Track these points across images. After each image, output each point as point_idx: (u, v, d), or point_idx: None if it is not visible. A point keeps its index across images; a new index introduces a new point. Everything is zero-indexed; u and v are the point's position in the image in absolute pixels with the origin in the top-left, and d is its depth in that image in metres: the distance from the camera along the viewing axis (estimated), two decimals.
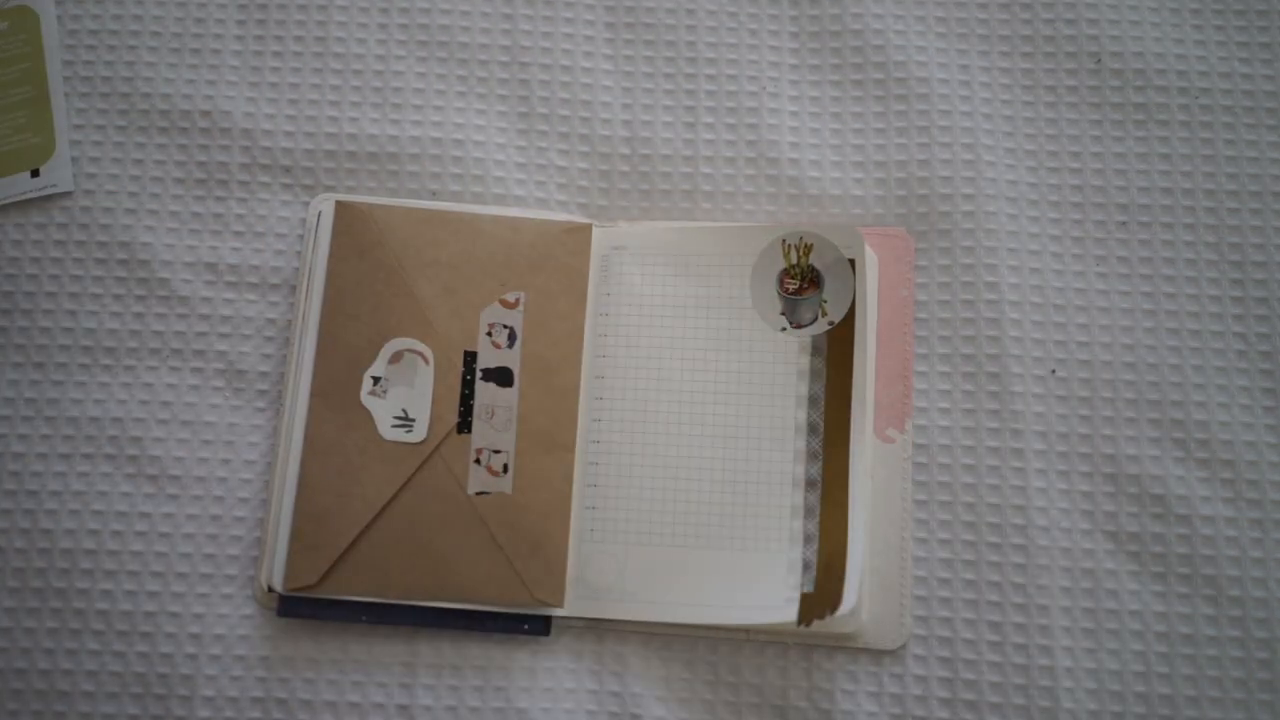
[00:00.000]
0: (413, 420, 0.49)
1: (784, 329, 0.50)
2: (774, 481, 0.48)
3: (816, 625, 0.45)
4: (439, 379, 0.49)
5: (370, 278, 0.50)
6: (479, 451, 0.49)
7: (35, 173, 0.53)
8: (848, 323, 0.49)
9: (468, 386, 0.49)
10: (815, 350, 0.49)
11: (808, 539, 0.47)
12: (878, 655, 0.47)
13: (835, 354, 0.49)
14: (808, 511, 0.48)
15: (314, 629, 0.48)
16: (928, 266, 0.51)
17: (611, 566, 0.48)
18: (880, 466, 0.49)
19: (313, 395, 0.49)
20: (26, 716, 0.47)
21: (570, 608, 0.47)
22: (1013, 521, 0.48)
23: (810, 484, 0.48)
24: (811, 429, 0.49)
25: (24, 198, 0.52)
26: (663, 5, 0.55)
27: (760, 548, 0.48)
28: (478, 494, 0.48)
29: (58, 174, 0.53)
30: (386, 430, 0.49)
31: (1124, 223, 0.52)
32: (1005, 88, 0.53)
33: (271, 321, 0.51)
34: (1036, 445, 0.49)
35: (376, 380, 0.49)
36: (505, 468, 0.48)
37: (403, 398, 0.49)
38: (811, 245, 0.50)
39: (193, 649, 0.48)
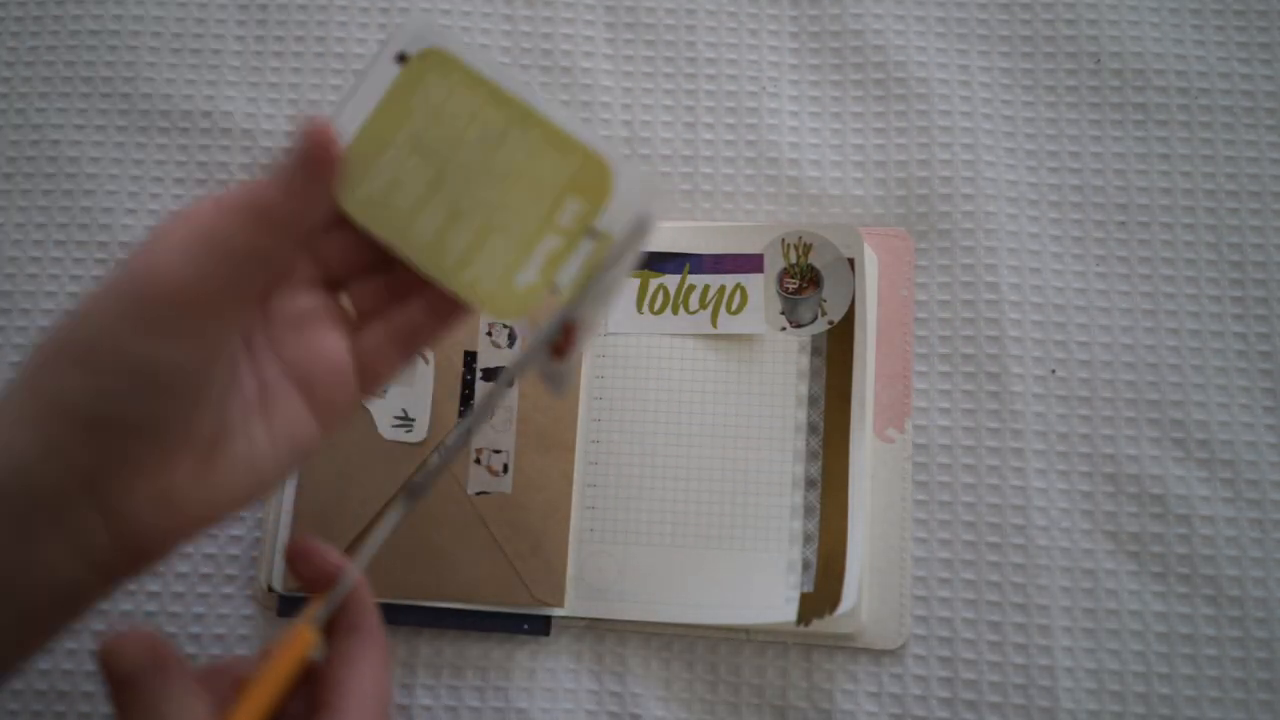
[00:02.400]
0: (412, 420, 0.49)
1: (783, 328, 0.50)
2: (774, 481, 0.48)
3: (816, 625, 0.45)
4: (439, 379, 0.49)
5: None
6: (479, 451, 0.49)
7: None
8: (847, 322, 0.49)
9: (468, 386, 0.49)
10: (815, 350, 0.49)
11: (807, 539, 0.47)
12: (877, 655, 0.47)
13: (835, 354, 0.49)
14: (807, 511, 0.48)
15: None
16: (928, 266, 0.51)
17: (611, 566, 0.48)
18: (880, 466, 0.49)
19: None
20: (26, 716, 0.47)
21: (570, 608, 0.47)
22: (1013, 521, 0.48)
23: (810, 484, 0.48)
24: (811, 429, 0.49)
25: None
26: (663, 5, 0.55)
27: (760, 547, 0.48)
28: (477, 494, 0.48)
29: None
30: (386, 430, 0.49)
31: (1123, 223, 0.52)
32: (1005, 88, 0.53)
33: None
34: (1036, 445, 0.49)
35: None
36: (505, 468, 0.48)
37: (402, 397, 0.49)
38: (811, 245, 0.50)
39: (193, 649, 0.48)
